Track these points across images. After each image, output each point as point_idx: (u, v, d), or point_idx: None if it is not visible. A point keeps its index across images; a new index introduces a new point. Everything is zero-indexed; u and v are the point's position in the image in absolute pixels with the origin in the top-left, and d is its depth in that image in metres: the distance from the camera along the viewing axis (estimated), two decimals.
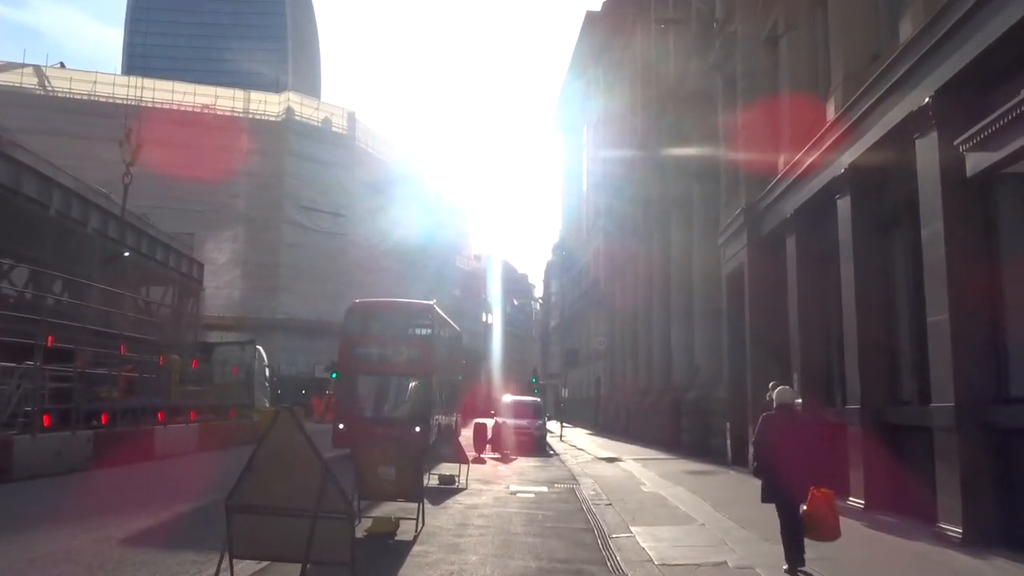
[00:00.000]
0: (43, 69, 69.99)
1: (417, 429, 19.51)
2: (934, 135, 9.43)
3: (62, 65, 72.33)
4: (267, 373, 35.61)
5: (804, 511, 7.26)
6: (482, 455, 22.61)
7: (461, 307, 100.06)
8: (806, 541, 7.49)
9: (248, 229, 69.69)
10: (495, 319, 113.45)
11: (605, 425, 41.22)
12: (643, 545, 9.11)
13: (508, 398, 29.89)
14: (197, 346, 34.05)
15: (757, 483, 8.02)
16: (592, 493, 14.23)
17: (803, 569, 7.52)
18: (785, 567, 7.56)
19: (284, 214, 70.11)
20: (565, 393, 38.75)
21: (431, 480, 14.96)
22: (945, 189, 9.35)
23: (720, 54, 20.08)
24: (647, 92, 32.41)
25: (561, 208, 69.33)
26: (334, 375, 60.28)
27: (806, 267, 14.72)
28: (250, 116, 73.16)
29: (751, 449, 9.50)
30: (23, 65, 69.81)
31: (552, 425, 37.65)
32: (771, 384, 14.25)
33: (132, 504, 12.19)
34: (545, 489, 14.98)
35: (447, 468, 15.60)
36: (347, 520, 5.95)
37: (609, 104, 43.20)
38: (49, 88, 69.10)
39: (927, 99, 9.48)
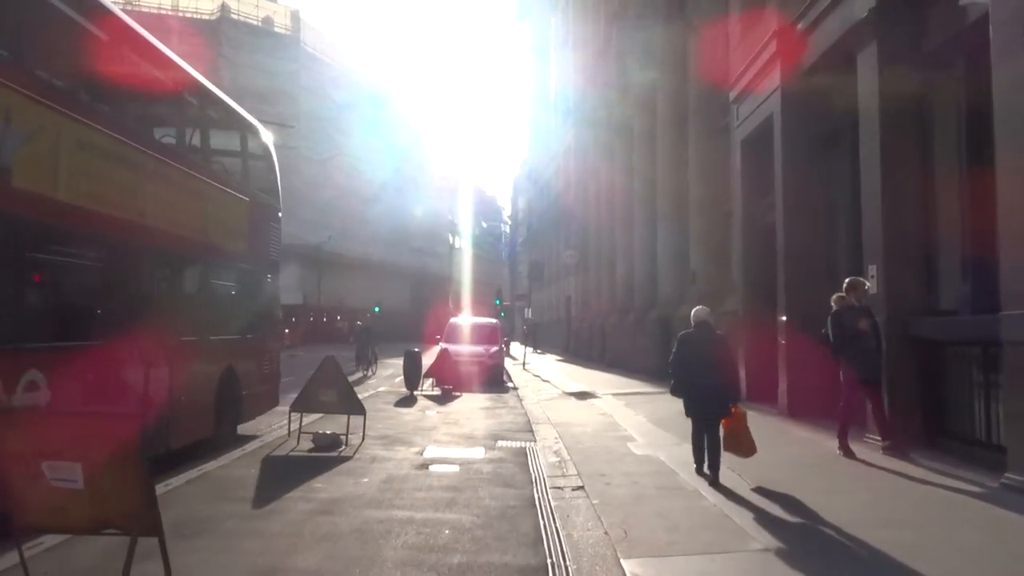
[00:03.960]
0: None
1: None
2: None
3: None
4: None
5: (725, 428, 7.51)
6: (416, 392, 17.29)
7: (427, 229, 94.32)
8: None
9: None
10: (464, 242, 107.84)
11: (577, 350, 36.07)
12: None
13: (456, 320, 24.36)
14: None
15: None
16: (554, 460, 8.88)
17: (722, 483, 7.28)
18: (695, 466, 7.83)
19: None
20: (528, 314, 33.45)
21: (300, 444, 9.55)
22: None
23: None
24: None
25: (529, 114, 62.88)
26: None
27: (896, 95, 9.13)
28: (179, 14, 65.20)
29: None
30: None
31: (520, 350, 32.45)
32: (847, 282, 8.91)
33: None
34: (480, 453, 9.55)
35: (335, 422, 10.16)
36: None
37: None
38: None
39: None
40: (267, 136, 13.16)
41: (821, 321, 10.69)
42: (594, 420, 12.59)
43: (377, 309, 76.00)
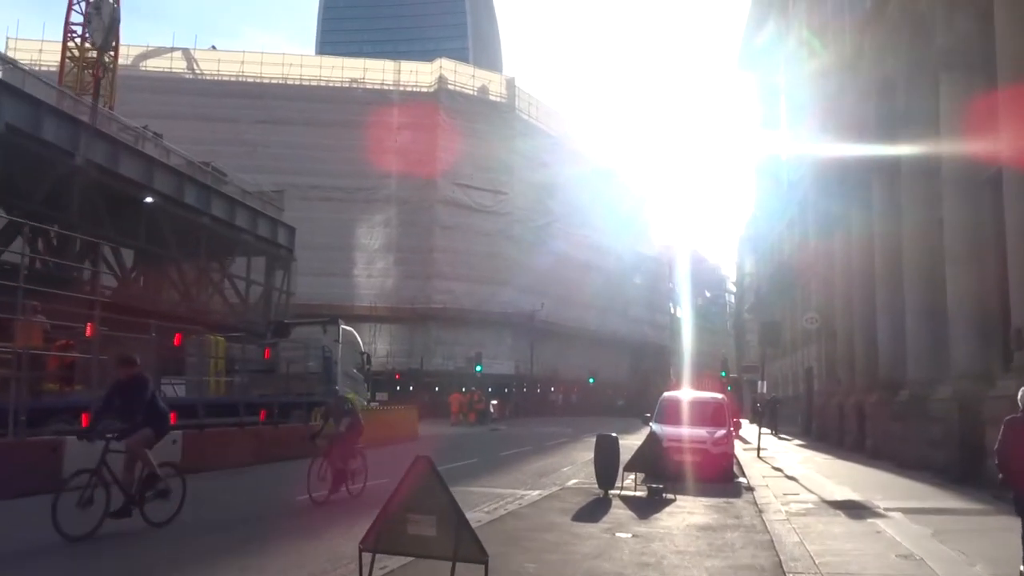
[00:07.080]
0: (192, 52, 67.09)
1: None
2: None
3: (214, 48, 69.28)
4: (364, 361, 27.18)
5: None
6: (611, 492, 12.66)
7: (646, 298, 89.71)
8: None
9: (401, 211, 63.44)
10: (684, 310, 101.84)
11: (822, 434, 29.46)
12: None
13: (671, 394, 19.39)
14: (269, 327, 26.41)
15: None
16: None
17: None
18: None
19: (438, 193, 63.06)
20: (763, 388, 27.52)
21: None
22: None
23: None
24: None
25: (755, 166, 57.09)
26: (478, 367, 51.70)
27: None
28: (400, 88, 66.60)
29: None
30: (172, 49, 67.15)
31: (752, 432, 26.73)
32: None
33: None
34: None
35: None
36: None
37: None
38: (198, 71, 66.02)
39: None
40: None
41: None
42: (899, 574, 7.32)
43: (592, 380, 72.01)
